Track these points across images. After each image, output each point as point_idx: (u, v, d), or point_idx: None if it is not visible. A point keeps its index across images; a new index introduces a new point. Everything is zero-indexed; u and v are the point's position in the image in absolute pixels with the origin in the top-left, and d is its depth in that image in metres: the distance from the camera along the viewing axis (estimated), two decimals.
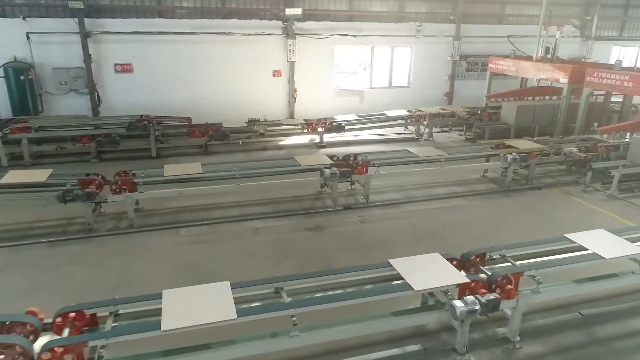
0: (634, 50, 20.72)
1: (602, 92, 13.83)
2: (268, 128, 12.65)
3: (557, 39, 14.38)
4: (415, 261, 5.06)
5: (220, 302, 4.12)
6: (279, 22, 15.58)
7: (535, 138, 11.14)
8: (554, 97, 14.64)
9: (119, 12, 14.22)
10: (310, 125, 12.98)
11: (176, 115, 13.32)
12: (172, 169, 7.98)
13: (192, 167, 8.05)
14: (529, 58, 14.76)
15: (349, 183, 9.45)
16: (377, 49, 17.18)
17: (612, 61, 20.89)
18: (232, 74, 15.49)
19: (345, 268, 5.10)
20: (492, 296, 4.63)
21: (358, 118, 14.15)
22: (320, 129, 13.03)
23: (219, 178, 8.25)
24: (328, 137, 13.71)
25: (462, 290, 4.78)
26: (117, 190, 7.73)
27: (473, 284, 4.77)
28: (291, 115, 16.51)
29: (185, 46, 14.70)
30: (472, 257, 5.36)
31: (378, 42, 16.98)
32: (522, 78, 15.76)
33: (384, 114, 14.37)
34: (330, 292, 4.76)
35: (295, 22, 15.68)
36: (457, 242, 7.35)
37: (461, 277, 4.84)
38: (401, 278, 4.75)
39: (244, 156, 12.19)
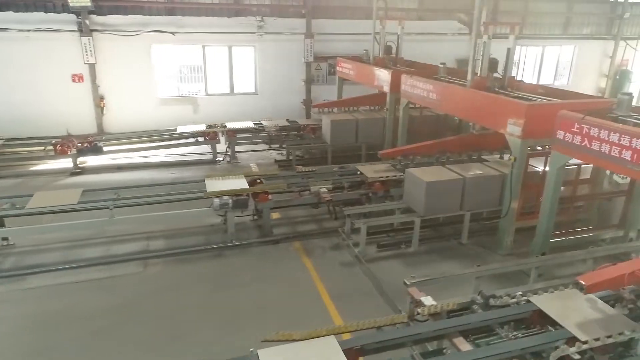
0: (536, 51, 18.00)
1: None
2: None
3: (399, 35, 11.62)
4: None
5: None
6: (73, 16, 12.70)
7: (302, 168, 8.32)
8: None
9: None
10: (58, 146, 10.09)
11: None
12: None
13: None
14: (359, 60, 11.99)
15: None
16: (211, 48, 14.35)
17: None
18: (16, 80, 12.59)
19: None
20: None
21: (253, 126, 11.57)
22: (72, 152, 10.14)
23: None
24: (106, 160, 10.92)
25: None
26: None
27: None
28: (100, 128, 13.66)
29: None
30: None
31: (210, 40, 14.12)
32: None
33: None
34: None
35: (93, 16, 12.83)
36: None
37: None
38: None
39: None
